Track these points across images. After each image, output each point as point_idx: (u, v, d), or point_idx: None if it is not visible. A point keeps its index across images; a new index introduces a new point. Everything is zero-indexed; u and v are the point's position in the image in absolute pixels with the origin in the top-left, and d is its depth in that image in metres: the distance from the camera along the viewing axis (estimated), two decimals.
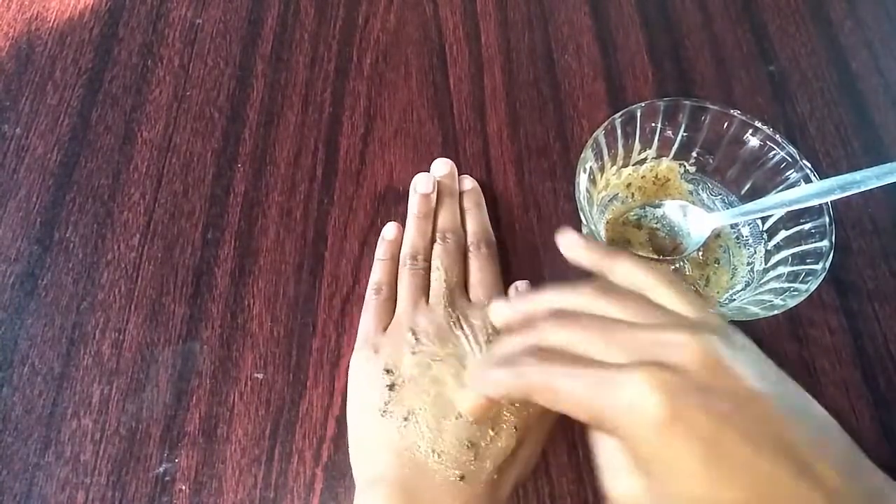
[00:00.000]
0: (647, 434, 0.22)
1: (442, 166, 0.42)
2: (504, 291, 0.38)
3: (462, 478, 0.30)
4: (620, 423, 0.23)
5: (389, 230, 0.40)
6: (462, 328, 0.35)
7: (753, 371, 0.24)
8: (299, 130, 0.45)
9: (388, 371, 0.33)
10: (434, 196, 0.40)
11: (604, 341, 0.25)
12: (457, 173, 0.43)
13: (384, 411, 0.32)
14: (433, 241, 0.39)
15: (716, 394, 0.22)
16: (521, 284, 0.39)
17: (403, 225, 0.40)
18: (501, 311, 0.29)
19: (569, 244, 0.30)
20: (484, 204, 0.42)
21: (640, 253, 0.40)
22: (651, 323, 0.25)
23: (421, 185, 0.41)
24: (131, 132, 0.45)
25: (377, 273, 0.39)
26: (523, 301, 0.29)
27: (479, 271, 0.38)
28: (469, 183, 0.42)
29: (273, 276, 0.40)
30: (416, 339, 0.34)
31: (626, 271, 0.28)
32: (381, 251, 0.40)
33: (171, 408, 0.36)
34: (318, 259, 0.41)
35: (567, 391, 0.24)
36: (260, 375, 0.37)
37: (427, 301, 0.37)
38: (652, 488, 0.23)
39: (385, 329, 0.36)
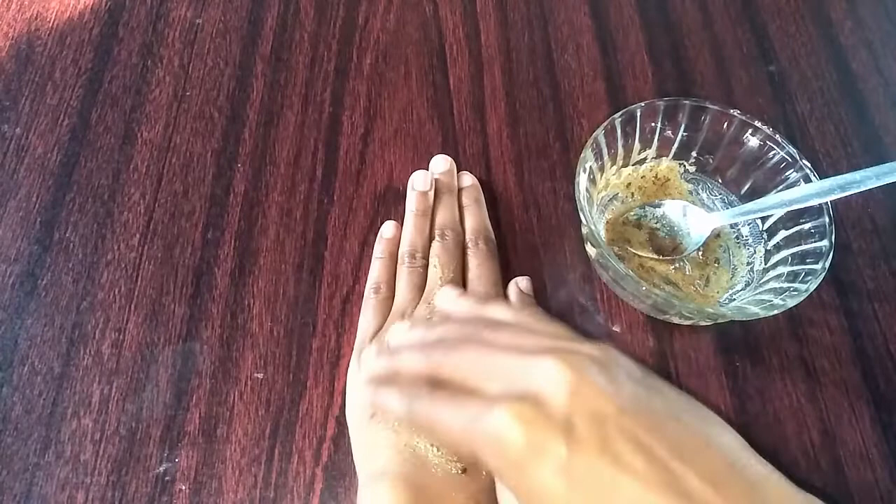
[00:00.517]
0: (511, 468, 0.23)
1: (441, 163, 0.42)
2: (503, 288, 0.38)
3: (464, 470, 0.30)
4: (490, 458, 0.23)
5: (387, 228, 0.40)
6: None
7: (618, 388, 0.24)
8: (299, 130, 0.45)
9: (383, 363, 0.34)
10: (432, 193, 0.40)
11: (484, 371, 0.25)
12: (455, 170, 0.43)
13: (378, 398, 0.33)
14: (432, 238, 0.39)
15: (579, 420, 0.23)
16: (521, 281, 0.39)
17: (402, 223, 0.40)
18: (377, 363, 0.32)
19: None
20: (483, 200, 0.42)
21: (640, 253, 0.40)
22: (525, 347, 0.26)
23: (419, 182, 0.41)
24: (131, 132, 0.45)
25: (375, 272, 0.39)
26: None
27: (478, 267, 0.38)
28: (468, 179, 0.42)
29: (273, 276, 0.40)
30: (409, 332, 0.34)
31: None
32: (379, 249, 0.40)
33: (171, 408, 0.36)
34: (318, 259, 0.41)
35: (447, 427, 0.25)
36: (260, 375, 0.37)
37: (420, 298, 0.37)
38: None
39: (383, 327, 0.36)
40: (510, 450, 0.23)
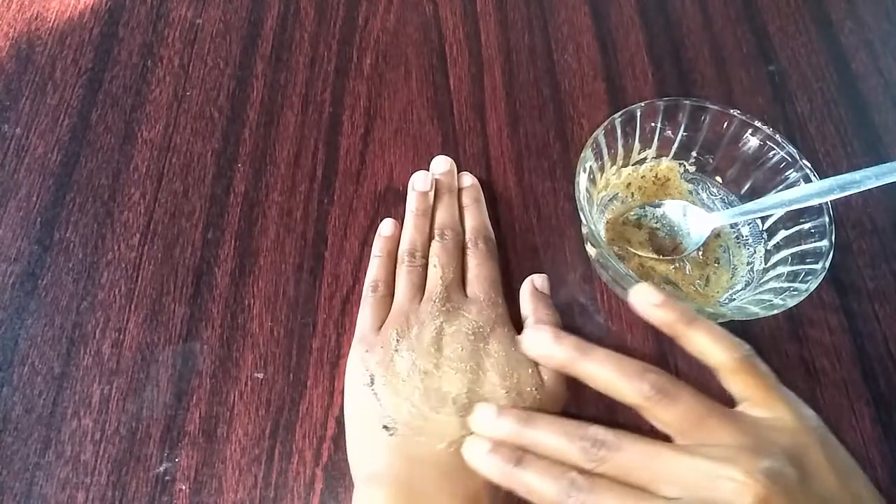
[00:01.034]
0: None
1: (441, 163, 0.42)
2: (501, 288, 0.38)
3: (460, 471, 0.30)
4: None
5: (386, 226, 0.40)
6: (454, 326, 0.35)
7: (809, 488, 0.24)
8: (299, 130, 0.45)
9: (379, 361, 0.34)
10: (432, 194, 0.41)
11: (654, 474, 0.25)
12: (456, 170, 0.43)
13: (375, 395, 0.33)
14: (431, 238, 0.39)
15: None
16: (537, 279, 0.39)
17: (402, 223, 0.40)
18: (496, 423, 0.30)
19: (643, 301, 0.30)
20: (483, 200, 0.42)
21: (640, 253, 0.40)
22: (702, 449, 0.25)
23: (419, 182, 0.41)
24: (131, 132, 0.45)
25: (373, 270, 0.39)
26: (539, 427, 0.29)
27: (477, 267, 0.38)
28: (468, 179, 0.42)
29: (273, 276, 0.40)
30: (409, 332, 0.34)
31: (702, 343, 0.28)
32: (378, 248, 0.40)
33: (171, 408, 0.36)
34: (318, 259, 0.41)
35: None
36: (260, 375, 0.37)
37: (423, 298, 0.37)
38: None
39: (381, 326, 0.36)
40: (749, 495, 0.23)
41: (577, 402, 0.35)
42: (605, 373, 0.28)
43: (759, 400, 0.27)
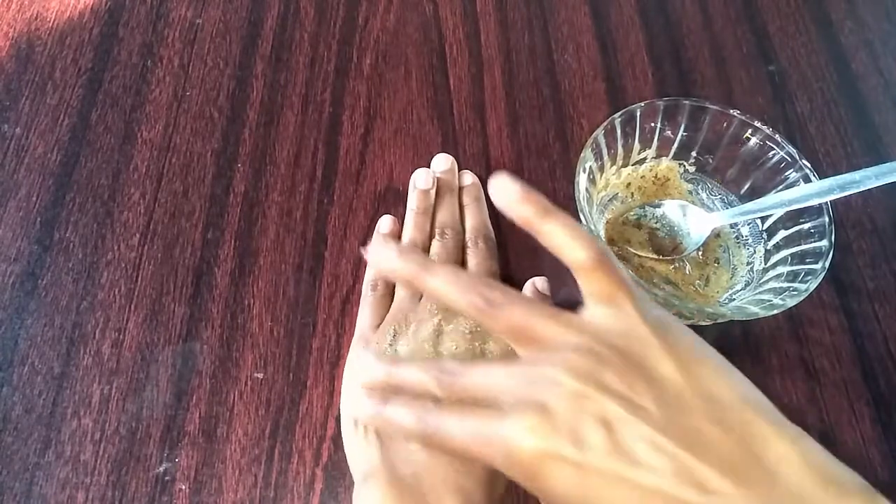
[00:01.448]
0: (526, 477, 0.23)
1: (442, 162, 0.42)
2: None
3: (455, 469, 0.30)
4: (508, 469, 0.24)
5: (385, 223, 0.40)
6: (451, 324, 0.35)
7: (629, 383, 0.23)
8: (299, 130, 0.45)
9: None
10: (433, 192, 0.40)
11: (493, 388, 0.25)
12: (457, 169, 0.43)
13: None
14: (432, 236, 0.39)
15: (586, 426, 0.22)
16: (538, 281, 0.39)
17: (402, 222, 0.40)
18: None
19: (504, 196, 0.28)
20: (484, 199, 0.42)
21: (640, 253, 0.40)
22: (528, 357, 0.25)
23: (420, 180, 0.41)
24: (131, 132, 0.45)
25: (372, 269, 0.39)
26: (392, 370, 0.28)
27: (476, 266, 0.38)
28: (469, 178, 0.42)
29: (273, 276, 0.40)
30: (407, 330, 0.34)
31: (560, 239, 0.27)
32: None
33: (171, 408, 0.36)
34: (318, 259, 0.41)
35: (462, 442, 0.24)
36: (260, 375, 0.37)
37: (422, 296, 0.37)
38: None
39: (380, 325, 0.36)
40: (523, 459, 0.23)
41: None
42: (444, 287, 0.27)
43: (603, 296, 0.26)
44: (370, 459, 0.32)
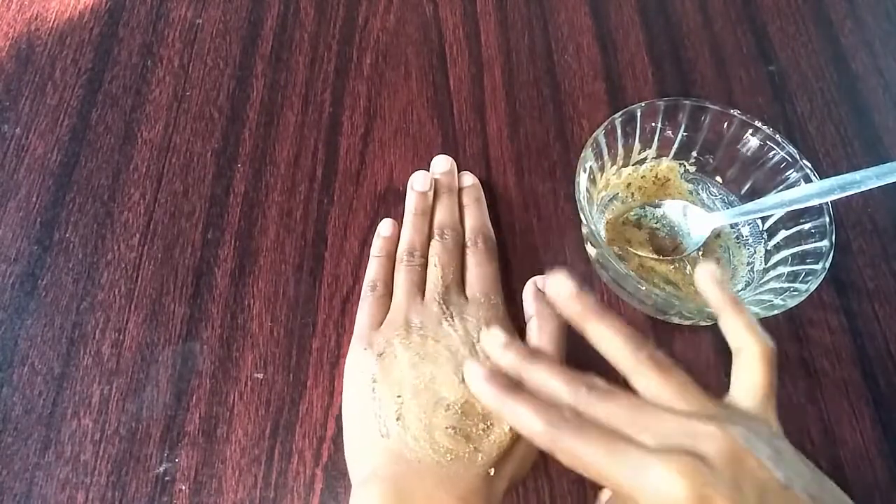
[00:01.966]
0: None
1: (441, 163, 0.42)
2: (501, 288, 0.38)
3: (454, 472, 0.30)
4: (644, 501, 0.24)
5: (385, 226, 0.40)
6: (454, 324, 0.35)
7: (784, 466, 0.24)
8: (299, 130, 0.45)
9: (380, 358, 0.34)
10: (431, 194, 0.40)
11: (638, 423, 0.26)
12: (456, 170, 0.43)
13: (373, 394, 0.32)
14: (431, 237, 0.39)
15: (744, 486, 0.23)
16: (540, 280, 0.39)
17: (402, 224, 0.40)
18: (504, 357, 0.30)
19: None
20: (483, 200, 0.42)
21: (640, 253, 0.40)
22: (683, 410, 0.26)
23: (418, 183, 0.41)
24: (131, 132, 0.45)
25: (372, 270, 0.39)
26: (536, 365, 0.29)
27: (476, 266, 0.38)
28: (469, 179, 0.42)
29: (273, 276, 0.40)
30: (409, 333, 0.34)
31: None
32: (377, 248, 0.40)
33: (171, 408, 0.36)
34: (318, 259, 0.41)
35: (595, 463, 0.25)
36: (260, 375, 0.37)
37: (423, 297, 0.37)
38: None
39: (380, 326, 0.36)
40: (677, 499, 0.23)
41: None
42: (613, 340, 0.28)
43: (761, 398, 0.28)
44: (368, 463, 0.32)
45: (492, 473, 0.31)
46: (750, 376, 0.28)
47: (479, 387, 0.29)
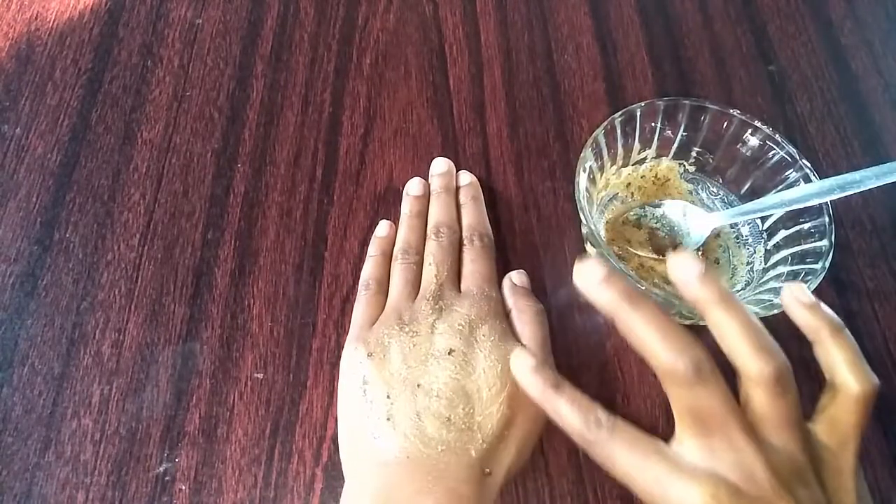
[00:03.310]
0: None
1: (440, 165, 0.43)
2: (498, 284, 0.38)
3: (447, 463, 0.30)
4: None
5: (381, 228, 0.41)
6: (442, 318, 0.34)
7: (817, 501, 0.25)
8: (299, 131, 0.45)
9: (370, 358, 0.34)
10: (426, 198, 0.41)
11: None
12: (454, 171, 0.43)
13: (364, 395, 0.33)
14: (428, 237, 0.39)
15: None
16: (514, 275, 0.39)
17: (398, 225, 0.41)
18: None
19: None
20: (481, 198, 0.42)
21: (640, 253, 0.40)
22: (742, 427, 0.26)
23: (413, 188, 0.41)
24: (131, 132, 0.45)
25: (367, 269, 0.39)
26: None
27: (472, 262, 0.38)
28: (466, 177, 0.42)
29: (273, 276, 0.40)
30: (402, 332, 0.34)
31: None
32: (373, 247, 0.40)
33: (171, 408, 0.36)
34: (318, 259, 0.41)
35: (625, 466, 0.26)
36: (260, 375, 0.37)
37: (417, 295, 0.37)
38: None
39: (373, 324, 0.36)
40: None
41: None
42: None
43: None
44: (360, 460, 0.32)
45: (487, 472, 0.31)
46: (840, 415, 0.28)
47: (525, 378, 0.30)
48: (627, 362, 0.38)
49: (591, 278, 0.27)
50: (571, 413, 0.28)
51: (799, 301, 0.29)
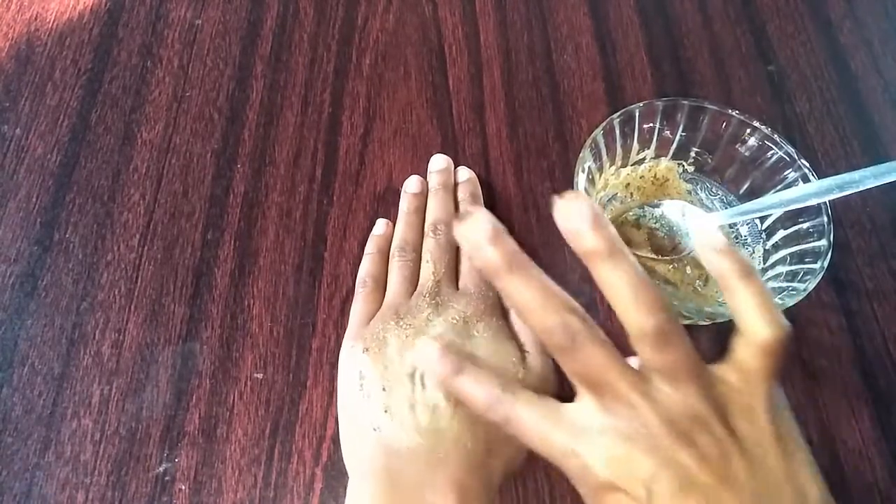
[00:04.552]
0: (589, 493, 0.25)
1: (438, 162, 0.43)
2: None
3: (446, 452, 0.30)
4: (573, 479, 0.25)
5: (379, 226, 0.41)
6: (438, 314, 0.35)
7: (728, 449, 0.24)
8: (299, 131, 0.45)
9: (366, 353, 0.34)
10: (424, 196, 0.41)
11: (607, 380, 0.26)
12: (453, 168, 0.43)
13: (361, 390, 0.33)
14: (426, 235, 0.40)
15: (661, 476, 0.23)
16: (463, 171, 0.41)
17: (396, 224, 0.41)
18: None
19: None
20: (480, 195, 0.42)
21: (639, 253, 0.40)
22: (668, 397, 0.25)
23: (411, 186, 0.42)
24: (131, 133, 0.45)
25: (364, 267, 0.39)
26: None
27: (469, 260, 0.38)
28: (465, 174, 0.42)
29: (273, 276, 0.40)
30: (397, 326, 0.34)
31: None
32: (370, 246, 0.40)
33: (171, 408, 0.36)
34: (317, 259, 0.41)
35: (530, 433, 0.26)
36: (260, 375, 0.37)
37: (414, 292, 0.37)
38: None
39: (370, 321, 0.36)
40: (593, 483, 0.24)
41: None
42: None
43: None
44: (361, 456, 0.32)
45: (488, 461, 0.31)
46: (748, 361, 0.26)
47: (431, 367, 0.29)
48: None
49: (477, 236, 0.25)
50: (475, 389, 0.27)
51: (709, 245, 0.26)
